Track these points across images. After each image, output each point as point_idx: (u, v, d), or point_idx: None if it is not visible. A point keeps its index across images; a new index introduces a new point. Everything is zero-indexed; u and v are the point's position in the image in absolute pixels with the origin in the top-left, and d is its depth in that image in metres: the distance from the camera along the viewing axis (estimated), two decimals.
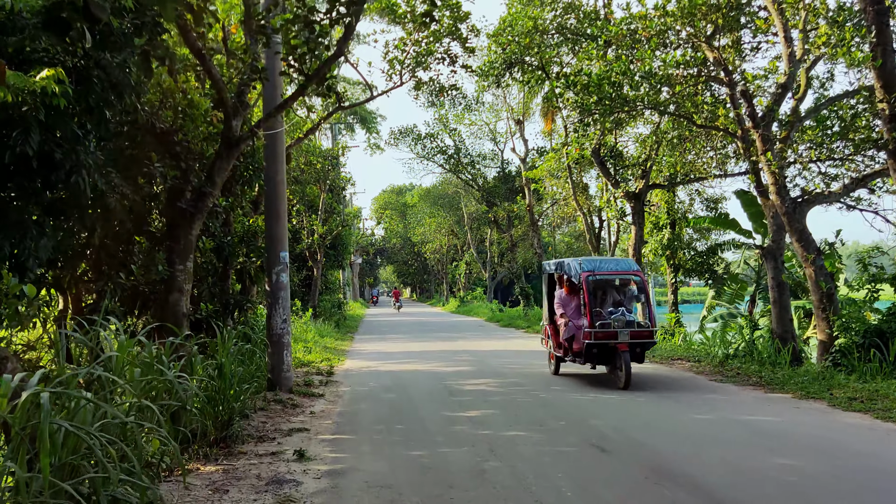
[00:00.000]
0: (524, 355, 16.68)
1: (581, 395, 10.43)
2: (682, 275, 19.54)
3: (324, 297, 29.98)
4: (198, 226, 8.51)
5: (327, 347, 19.30)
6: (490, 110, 30.00)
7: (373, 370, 14.46)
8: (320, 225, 26.33)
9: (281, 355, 10.88)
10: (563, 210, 24.83)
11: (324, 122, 14.69)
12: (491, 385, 11.69)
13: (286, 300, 10.96)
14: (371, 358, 16.97)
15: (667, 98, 14.19)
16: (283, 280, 10.93)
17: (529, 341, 20.91)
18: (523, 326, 27.04)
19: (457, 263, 53.98)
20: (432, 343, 20.78)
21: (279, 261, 10.93)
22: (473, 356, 16.64)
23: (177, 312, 8.27)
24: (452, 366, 14.79)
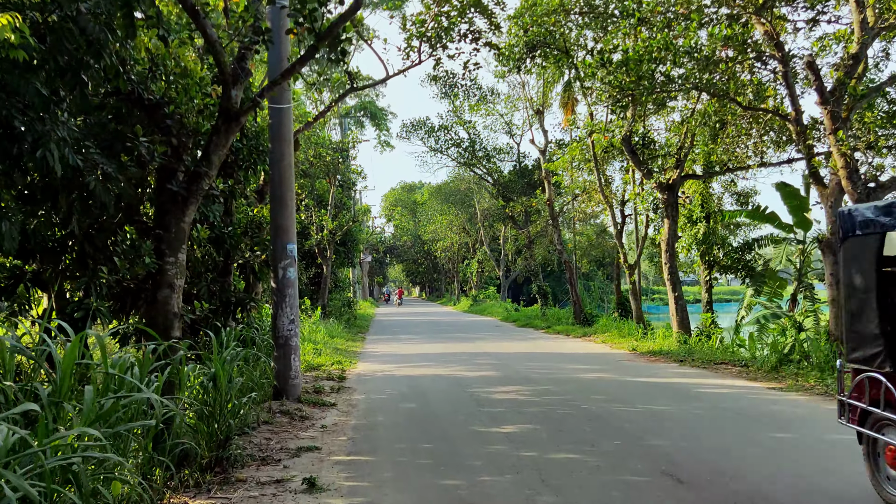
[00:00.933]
0: (551, 359, 15.44)
1: (628, 406, 9.18)
2: (717, 272, 18.25)
3: (334, 295, 28.84)
4: (191, 212, 7.33)
5: (338, 349, 18.13)
6: (506, 102, 28.80)
7: (388, 375, 13.27)
8: (330, 220, 25.16)
9: (288, 360, 9.70)
10: (587, 204, 23.54)
11: (335, 104, 13.52)
12: (522, 393, 10.45)
13: (294, 298, 9.78)
14: (385, 361, 15.78)
15: (710, 77, 12.90)
16: (290, 276, 9.74)
17: (552, 342, 19.66)
18: (542, 326, 25.78)
19: (468, 262, 52.73)
20: (449, 344, 19.57)
21: (286, 254, 9.74)
22: (496, 359, 15.41)
23: (167, 312, 7.08)
24: (474, 370, 13.58)
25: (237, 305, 10.24)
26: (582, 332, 21.77)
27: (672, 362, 14.20)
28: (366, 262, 58.43)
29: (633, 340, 18.28)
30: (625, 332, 19.68)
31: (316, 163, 25.22)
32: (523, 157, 30.90)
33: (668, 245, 16.69)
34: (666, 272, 16.82)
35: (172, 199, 7.23)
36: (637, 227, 20.60)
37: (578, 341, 20.02)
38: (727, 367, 13.13)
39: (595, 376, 12.30)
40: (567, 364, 14.32)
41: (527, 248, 28.79)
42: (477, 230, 49.44)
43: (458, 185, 47.07)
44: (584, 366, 14.02)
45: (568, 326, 23.87)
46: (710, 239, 17.39)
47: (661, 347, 16.24)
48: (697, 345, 15.84)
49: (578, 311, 24.46)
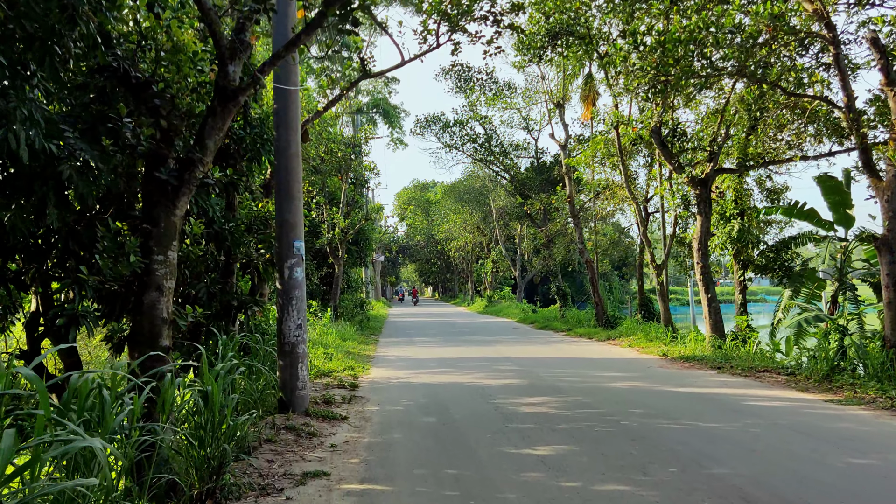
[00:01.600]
0: (577, 364, 14.47)
1: (674, 422, 8.21)
2: (751, 272, 17.19)
3: (345, 296, 27.99)
4: (183, 204, 6.44)
5: (350, 353, 17.25)
6: (524, 95, 27.79)
7: (403, 382, 12.36)
8: (342, 218, 24.31)
9: (295, 369, 8.81)
10: (610, 201, 22.52)
11: (346, 92, 12.62)
12: (552, 406, 9.50)
13: (301, 301, 8.89)
14: (399, 366, 14.87)
15: (755, 60, 11.87)
16: (297, 276, 8.85)
17: (575, 346, 18.68)
18: (562, 329, 24.78)
19: (482, 261, 51.77)
20: (466, 348, 18.64)
21: (292, 252, 8.86)
22: (518, 365, 14.46)
23: (154, 317, 6.20)
24: (496, 377, 12.64)
25: (239, 309, 9.36)
26: (605, 336, 20.76)
27: (708, 369, 13.18)
28: (378, 261, 57.66)
29: (662, 345, 17.27)
30: (652, 336, 18.66)
31: (327, 159, 24.38)
32: (541, 153, 29.93)
33: (701, 243, 15.66)
34: (698, 272, 15.79)
35: (161, 189, 6.35)
36: (664, 225, 19.56)
37: (603, 345, 19.02)
38: (771, 375, 12.10)
39: (628, 385, 11.32)
40: (595, 371, 13.34)
41: (545, 247, 27.79)
42: (492, 229, 48.49)
43: (473, 182, 46.14)
44: (614, 373, 13.04)
45: (590, 329, 22.85)
46: (745, 237, 16.34)
47: (693, 353, 15.22)
48: (733, 350, 14.81)
49: (601, 314, 23.44)
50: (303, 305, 8.90)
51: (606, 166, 21.10)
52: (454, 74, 29.70)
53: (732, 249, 16.64)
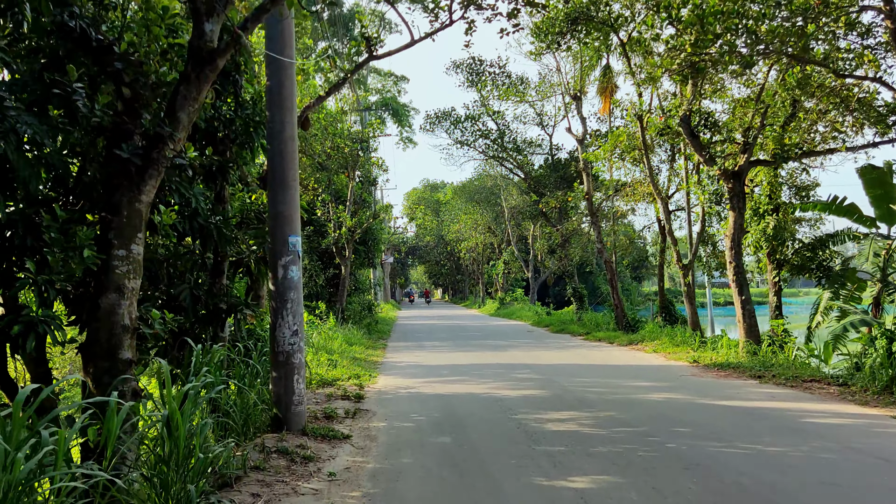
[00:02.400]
0: (602, 373, 13.32)
1: (728, 445, 7.06)
2: (787, 272, 16.00)
3: (353, 298, 26.93)
4: (150, 188, 5.38)
5: (356, 359, 16.19)
6: (538, 88, 26.64)
7: (413, 392, 11.27)
8: (348, 217, 23.24)
9: (290, 382, 7.73)
10: (630, 198, 21.35)
11: (352, 75, 11.55)
12: (582, 422, 8.38)
13: (297, 304, 7.81)
14: (409, 373, 13.79)
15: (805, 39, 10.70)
16: (292, 276, 7.78)
17: (596, 352, 17.52)
18: (579, 333, 23.61)
19: (494, 262, 50.63)
20: (480, 353, 17.52)
21: (287, 249, 7.79)
22: (537, 373, 13.33)
23: (112, 324, 5.14)
24: (515, 387, 11.52)
25: (229, 313, 8.29)
26: (627, 340, 19.59)
27: (748, 378, 12.01)
28: (387, 263, 56.68)
29: (691, 350, 16.09)
30: (678, 341, 17.47)
31: (333, 155, 23.34)
32: (556, 149, 28.77)
33: (734, 241, 14.48)
34: (731, 272, 14.62)
35: (123, 171, 5.29)
36: (689, 223, 18.38)
37: (625, 350, 17.86)
38: (820, 386, 10.91)
39: (663, 397, 10.18)
40: (623, 380, 12.20)
41: (561, 247, 26.64)
42: (503, 229, 47.37)
43: (484, 181, 45.03)
44: (645, 382, 11.90)
45: (610, 333, 21.68)
46: (781, 234, 15.15)
47: (727, 359, 14.05)
48: (771, 357, 13.62)
49: (620, 316, 22.27)
50: (299, 309, 7.83)
51: (627, 161, 19.93)
52: (465, 69, 28.62)
53: (767, 248, 15.45)
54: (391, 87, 57.75)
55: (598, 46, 21.33)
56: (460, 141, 29.83)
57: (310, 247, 23.87)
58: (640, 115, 16.91)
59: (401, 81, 58.80)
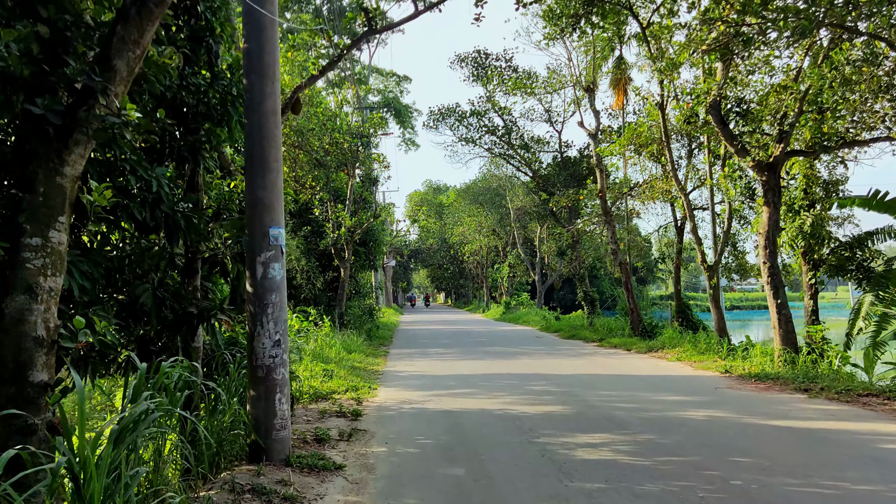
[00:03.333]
0: (627, 384, 12.01)
1: (805, 482, 5.76)
2: (823, 273, 14.70)
3: (353, 302, 25.65)
4: (77, 157, 4.13)
5: (355, 368, 14.92)
6: (547, 82, 25.35)
7: (418, 408, 9.98)
8: (348, 217, 21.99)
9: (271, 402, 6.45)
10: (647, 195, 20.06)
11: (348, 52, 10.29)
12: (619, 448, 7.08)
13: (280, 308, 6.54)
14: (413, 385, 12.51)
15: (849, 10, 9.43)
16: (273, 275, 6.51)
17: (614, 360, 16.20)
18: (592, 339, 22.29)
19: (498, 266, 49.31)
20: (489, 362, 16.23)
21: (268, 242, 6.52)
22: (555, 384, 12.04)
23: (20, 336, 3.87)
24: (532, 402, 10.23)
25: (201, 319, 7.01)
26: (645, 347, 18.28)
27: (792, 392, 10.72)
28: (389, 266, 55.46)
29: (718, 359, 14.80)
30: (702, 348, 16.16)
31: (332, 151, 22.09)
32: (566, 146, 27.49)
33: (769, 239, 13.19)
34: (765, 273, 13.32)
35: (38, 133, 4.02)
36: (714, 220, 17.07)
37: (645, 359, 16.55)
38: (879, 401, 9.61)
39: (705, 416, 8.88)
40: (652, 393, 10.89)
41: (571, 248, 25.34)
42: (508, 232, 46.12)
43: (489, 182, 43.79)
44: (677, 396, 10.59)
45: (625, 339, 20.37)
46: (819, 232, 13.85)
47: (762, 369, 12.75)
48: (810, 366, 12.31)
49: (636, 322, 20.96)
50: (282, 315, 6.55)
51: (643, 156, 18.63)
52: (470, 62, 27.39)
53: (803, 246, 14.16)
54: (393, 88, 56.62)
55: (610, 37, 20.11)
56: (465, 138, 28.57)
57: (307, 248, 22.62)
58: (662, 103, 15.64)
59: (403, 81, 57.68)
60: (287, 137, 21.09)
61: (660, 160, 19.03)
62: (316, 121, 21.06)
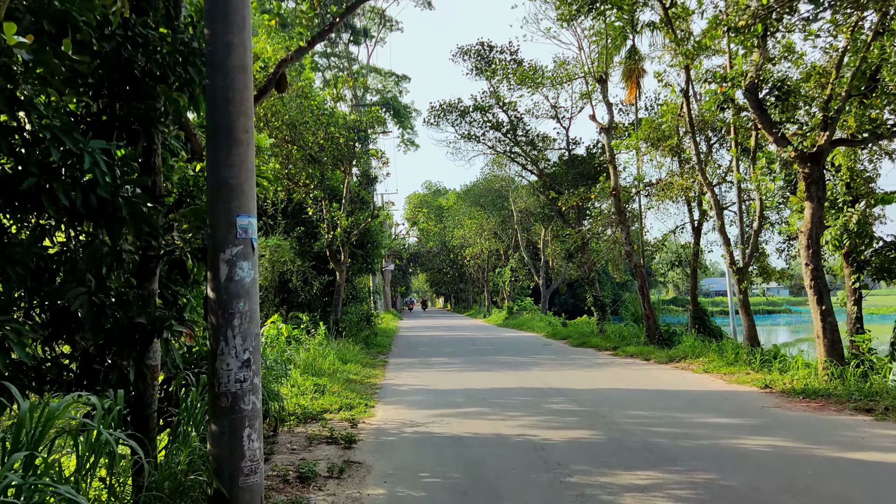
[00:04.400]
0: (657, 402, 10.58)
1: None
2: (868, 275, 13.32)
3: (350, 308, 24.21)
4: None
5: (351, 381, 13.52)
6: (556, 73, 23.99)
7: (422, 434, 8.57)
8: (344, 217, 20.59)
9: (237, 439, 5.02)
10: (664, 194, 18.61)
11: (341, 20, 8.90)
12: (678, 496, 5.67)
13: (250, 319, 5.12)
14: (415, 402, 11.10)
15: None
16: (241, 276, 5.09)
17: (634, 371, 14.78)
18: (605, 347, 20.87)
19: (500, 269, 47.91)
20: (497, 373, 14.83)
21: (235, 235, 5.10)
22: (576, 402, 10.63)
23: None
24: (554, 425, 8.83)
25: (154, 331, 5.59)
26: (665, 357, 16.87)
27: (853, 413, 9.31)
28: (388, 270, 54.06)
29: (750, 370, 13.40)
30: (730, 358, 14.75)
31: (327, 147, 20.72)
32: (574, 143, 26.15)
33: (811, 238, 11.80)
34: (807, 276, 11.93)
35: None
36: (742, 218, 15.64)
37: (667, 370, 15.14)
38: None
39: (765, 445, 7.47)
40: (691, 413, 9.48)
41: (580, 250, 23.98)
42: (510, 234, 44.74)
43: (491, 184, 42.43)
44: (722, 418, 9.18)
45: (642, 348, 18.96)
46: (865, 230, 12.47)
47: (807, 384, 11.34)
48: (860, 380, 10.92)
49: (653, 329, 19.56)
50: (253, 328, 5.14)
51: (663, 150, 17.24)
52: (473, 55, 26.05)
53: (848, 245, 12.79)
54: (392, 87, 55.32)
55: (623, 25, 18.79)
56: (468, 136, 27.18)
57: (301, 250, 21.22)
58: (687, 90, 14.27)
59: (402, 81, 56.40)
60: (279, 131, 19.72)
61: (679, 155, 17.65)
62: (310, 114, 19.70)
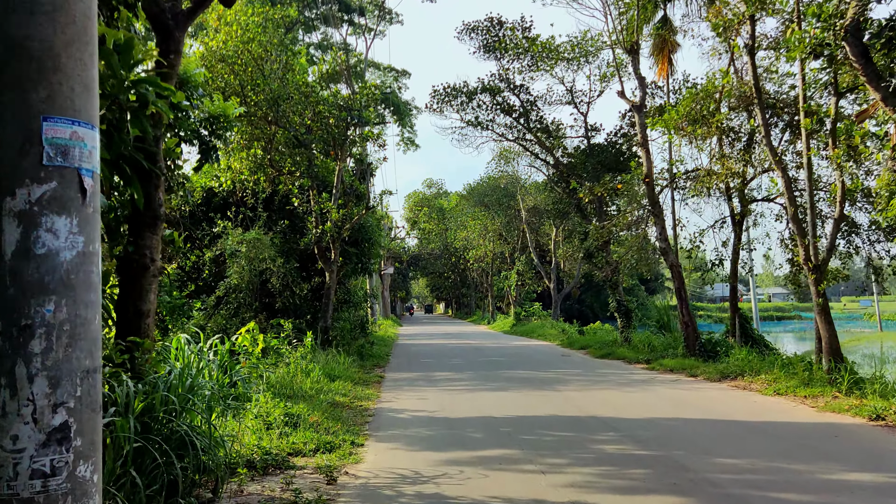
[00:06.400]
0: (740, 438, 7.82)
1: None
2: None
3: (343, 314, 21.46)
4: None
5: (337, 404, 10.82)
6: (577, 48, 21.33)
7: (429, 500, 5.83)
8: (335, 209, 17.87)
9: None
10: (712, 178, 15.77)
11: None
12: None
13: (73, 340, 2.38)
14: (418, 438, 8.37)
15: None
16: (52, 249, 2.36)
17: (685, 392, 12.01)
18: (635, 359, 18.12)
19: (505, 273, 45.17)
20: (517, 393, 12.10)
21: (36, 160, 2.36)
22: (632, 439, 7.89)
23: None
24: (620, 483, 6.11)
25: None
26: (715, 373, 14.12)
27: None
28: (387, 273, 51.33)
29: (837, 393, 10.67)
30: (802, 376, 12.00)
31: (315, 128, 18.02)
32: (593, 130, 23.50)
33: None
34: None
35: None
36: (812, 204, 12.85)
37: (725, 390, 12.41)
38: None
39: None
40: (810, 465, 6.73)
41: (602, 248, 21.28)
42: (517, 235, 41.99)
43: (497, 181, 39.74)
44: (857, 472, 6.42)
45: (681, 360, 16.20)
46: None
47: None
48: None
49: (693, 339, 16.83)
50: (79, 358, 2.41)
51: (709, 127, 14.50)
52: (481, 32, 23.39)
53: None
54: (391, 83, 52.68)
55: None
56: (475, 122, 24.48)
57: (286, 247, 18.50)
58: (752, 46, 11.59)
59: (402, 77, 53.84)
60: (258, 108, 17.04)
61: (728, 134, 14.96)
62: (294, 89, 17.02)
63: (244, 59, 16.14)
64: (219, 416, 6.95)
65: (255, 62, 16.44)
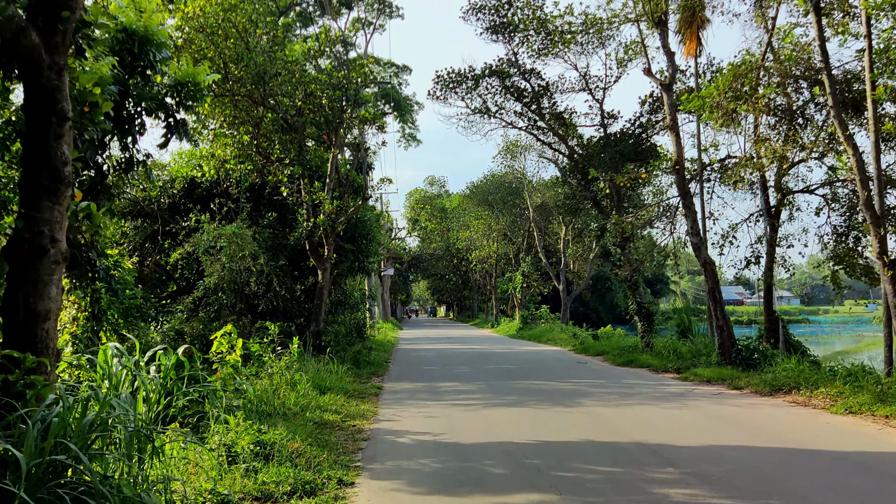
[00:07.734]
0: (829, 479, 6.01)
1: None
2: None
3: (338, 317, 19.66)
4: None
5: (324, 425, 9.03)
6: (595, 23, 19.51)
7: None
8: (328, 200, 16.06)
9: None
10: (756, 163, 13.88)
11: None
12: None
13: None
14: (423, 476, 6.56)
15: None
16: None
17: (733, 409, 10.17)
18: (661, 367, 16.28)
19: (510, 274, 43.33)
20: (538, 410, 10.30)
21: None
22: (706, 481, 6.08)
23: None
24: None
25: None
26: (762, 384, 12.30)
27: None
28: (387, 274, 49.51)
29: None
30: (873, 390, 10.20)
31: (306, 110, 16.24)
32: (609, 118, 21.68)
33: None
34: None
35: None
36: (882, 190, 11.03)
37: (783, 406, 10.59)
38: None
39: None
40: None
41: (621, 245, 19.46)
42: (523, 234, 40.17)
43: (502, 178, 37.94)
44: None
45: (718, 370, 14.36)
46: None
47: None
48: None
49: (728, 345, 15.02)
50: None
51: (758, 106, 12.70)
52: (489, 11, 21.59)
53: None
54: (391, 79, 50.92)
55: None
56: (482, 109, 22.67)
57: (274, 242, 16.69)
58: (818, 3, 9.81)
59: (402, 72, 52.07)
60: (241, 85, 15.25)
61: (776, 112, 13.17)
62: (281, 65, 15.24)
63: (226, 29, 14.36)
64: (154, 455, 5.12)
65: (238, 34, 14.67)
